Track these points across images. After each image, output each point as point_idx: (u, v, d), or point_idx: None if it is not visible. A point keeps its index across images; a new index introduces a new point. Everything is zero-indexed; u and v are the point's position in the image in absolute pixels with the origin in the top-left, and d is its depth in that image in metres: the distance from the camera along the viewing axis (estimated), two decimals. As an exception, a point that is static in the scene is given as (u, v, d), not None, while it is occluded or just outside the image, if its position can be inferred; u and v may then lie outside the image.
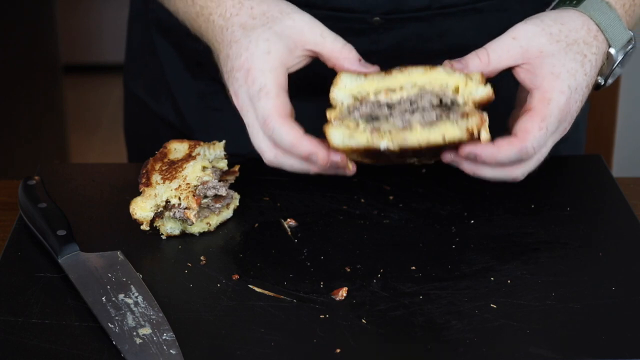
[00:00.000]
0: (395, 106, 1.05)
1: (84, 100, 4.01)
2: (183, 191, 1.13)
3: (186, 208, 1.13)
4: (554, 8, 1.14)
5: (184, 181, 1.14)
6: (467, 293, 1.05)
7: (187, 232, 1.16)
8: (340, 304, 1.03)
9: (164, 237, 1.15)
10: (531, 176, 1.09)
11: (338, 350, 0.96)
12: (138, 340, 0.96)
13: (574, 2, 1.11)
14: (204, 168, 1.17)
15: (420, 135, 1.04)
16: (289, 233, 1.16)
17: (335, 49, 1.07)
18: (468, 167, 1.08)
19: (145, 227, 1.14)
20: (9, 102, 2.82)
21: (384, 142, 1.04)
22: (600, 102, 2.70)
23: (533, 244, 1.13)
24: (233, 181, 1.21)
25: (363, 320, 1.01)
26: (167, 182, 1.14)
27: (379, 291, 1.06)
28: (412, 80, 1.05)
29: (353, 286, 1.06)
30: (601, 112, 2.72)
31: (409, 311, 1.02)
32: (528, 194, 1.22)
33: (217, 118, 1.39)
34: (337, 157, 1.05)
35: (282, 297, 1.04)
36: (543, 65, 1.06)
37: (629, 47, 1.12)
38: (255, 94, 1.05)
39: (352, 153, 1.06)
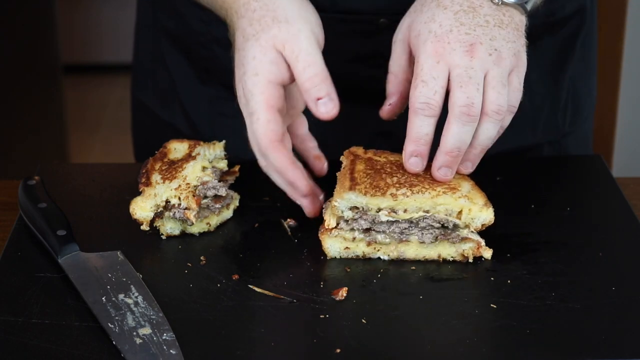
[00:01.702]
0: (394, 223, 1.09)
1: (84, 100, 4.01)
2: (183, 191, 1.13)
3: (186, 208, 1.13)
4: None
5: (184, 181, 1.14)
6: (467, 293, 1.05)
7: (187, 232, 1.16)
8: (340, 304, 1.03)
9: (164, 237, 1.15)
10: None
11: (338, 350, 0.96)
12: (138, 340, 0.96)
13: None
14: (204, 168, 1.17)
15: (417, 251, 1.10)
16: (289, 233, 1.16)
17: (301, 77, 1.06)
18: (440, 168, 1.09)
19: (145, 227, 1.14)
20: (8, 102, 2.82)
21: (381, 254, 1.11)
22: (601, 102, 2.69)
23: (533, 244, 1.13)
24: (233, 181, 1.21)
25: (363, 320, 1.01)
26: (167, 182, 1.14)
27: (379, 291, 1.06)
28: (418, 204, 1.08)
29: (353, 286, 1.06)
30: (601, 112, 2.72)
31: (409, 311, 1.02)
32: (528, 194, 1.21)
33: (228, 124, 1.39)
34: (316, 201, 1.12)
35: (282, 297, 1.04)
36: (411, 36, 1.11)
37: None
38: (249, 116, 1.08)
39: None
